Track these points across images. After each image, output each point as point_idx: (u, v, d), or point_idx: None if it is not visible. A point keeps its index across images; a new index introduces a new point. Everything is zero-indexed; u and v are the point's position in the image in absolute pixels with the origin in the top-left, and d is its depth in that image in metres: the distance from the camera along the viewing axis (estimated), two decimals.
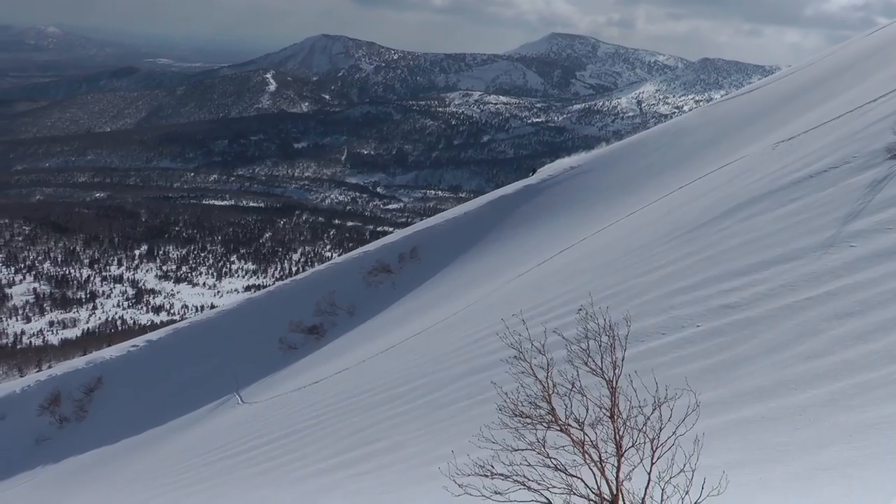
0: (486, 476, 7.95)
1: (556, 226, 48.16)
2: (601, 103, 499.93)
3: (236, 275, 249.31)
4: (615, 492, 7.65)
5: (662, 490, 7.54)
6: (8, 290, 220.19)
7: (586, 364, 8.19)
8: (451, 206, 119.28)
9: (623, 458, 7.79)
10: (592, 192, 52.20)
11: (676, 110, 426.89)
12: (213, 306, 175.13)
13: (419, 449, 19.36)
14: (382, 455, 20.39)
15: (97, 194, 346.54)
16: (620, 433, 7.86)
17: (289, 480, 22.59)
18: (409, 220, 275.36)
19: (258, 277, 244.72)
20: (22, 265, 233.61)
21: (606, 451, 7.85)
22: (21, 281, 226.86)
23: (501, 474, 7.88)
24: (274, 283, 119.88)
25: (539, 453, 7.90)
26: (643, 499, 7.59)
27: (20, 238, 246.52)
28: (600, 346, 8.28)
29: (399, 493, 17.55)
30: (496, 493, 7.83)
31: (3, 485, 52.94)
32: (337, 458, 22.14)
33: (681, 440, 7.91)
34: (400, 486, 17.88)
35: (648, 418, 7.84)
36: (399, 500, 17.07)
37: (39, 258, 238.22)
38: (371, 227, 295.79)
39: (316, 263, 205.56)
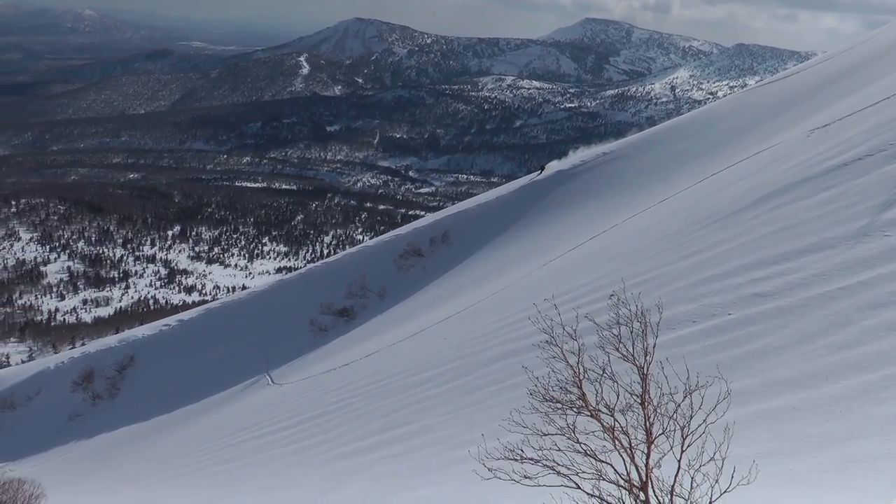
0: (516, 460, 7.95)
1: (588, 211, 47.96)
2: (634, 89, 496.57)
3: (268, 256, 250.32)
4: (644, 478, 7.63)
5: (692, 478, 7.51)
6: (43, 269, 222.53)
7: (617, 350, 8.15)
8: (482, 191, 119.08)
9: (653, 446, 7.76)
10: (625, 179, 51.94)
11: (710, 96, 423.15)
12: (244, 287, 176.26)
13: (447, 433, 19.39)
14: (411, 438, 20.45)
15: (131, 175, 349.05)
16: (651, 420, 7.83)
17: (318, 462, 22.72)
18: (441, 204, 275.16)
19: (290, 259, 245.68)
20: (57, 244, 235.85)
21: (636, 438, 7.82)
22: (56, 259, 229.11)
23: (531, 458, 7.88)
24: (305, 266, 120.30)
25: (569, 438, 7.88)
26: (672, 486, 7.56)
27: (55, 217, 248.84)
28: (632, 332, 8.24)
29: (427, 476, 17.60)
30: (525, 477, 7.84)
31: (38, 458, 53.61)
32: (365, 440, 22.23)
33: (711, 429, 7.86)
34: (428, 470, 17.93)
35: (679, 406, 7.81)
36: (427, 483, 17.11)
37: (74, 237, 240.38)
38: (402, 210, 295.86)
39: (347, 246, 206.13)
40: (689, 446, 7.63)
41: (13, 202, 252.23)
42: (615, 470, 7.68)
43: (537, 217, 53.82)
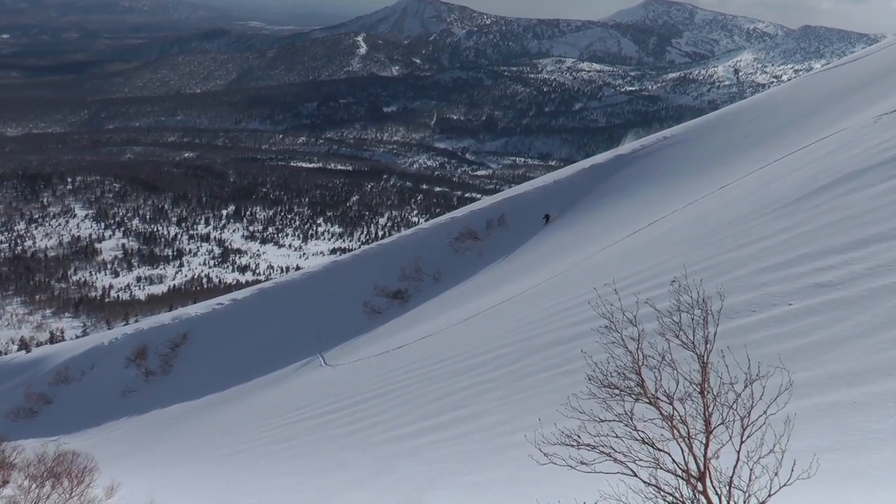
0: (573, 446, 7.97)
1: (647, 197, 47.59)
2: (697, 72, 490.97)
3: (322, 237, 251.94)
4: (703, 469, 7.61)
5: (751, 470, 7.47)
6: (98, 245, 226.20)
7: (678, 337, 8.12)
8: (540, 174, 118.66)
9: (712, 436, 7.72)
10: (685, 164, 51.43)
11: (775, 80, 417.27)
12: (298, 268, 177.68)
13: (501, 418, 19.43)
14: (463, 423, 20.51)
15: (186, 154, 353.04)
16: (710, 409, 7.80)
17: (370, 444, 22.90)
18: (498, 186, 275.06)
19: (344, 241, 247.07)
20: (111, 221, 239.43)
21: (695, 428, 7.80)
22: (110, 237, 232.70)
23: (588, 444, 7.89)
24: (360, 247, 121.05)
25: (627, 425, 7.89)
26: (731, 478, 7.53)
27: (110, 195, 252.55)
28: (692, 319, 8.20)
29: (479, 461, 17.67)
30: (582, 463, 7.86)
31: (91, 433, 54.61)
32: (417, 424, 22.34)
33: (771, 420, 7.81)
34: (480, 455, 17.99)
35: (739, 395, 7.77)
36: (478, 469, 17.19)
37: (128, 215, 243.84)
38: (459, 193, 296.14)
39: (402, 228, 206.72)
40: (748, 437, 7.60)
41: (69, 179, 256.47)
42: (673, 459, 7.67)
43: (595, 201, 53.53)
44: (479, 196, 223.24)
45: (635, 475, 7.68)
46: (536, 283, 36.24)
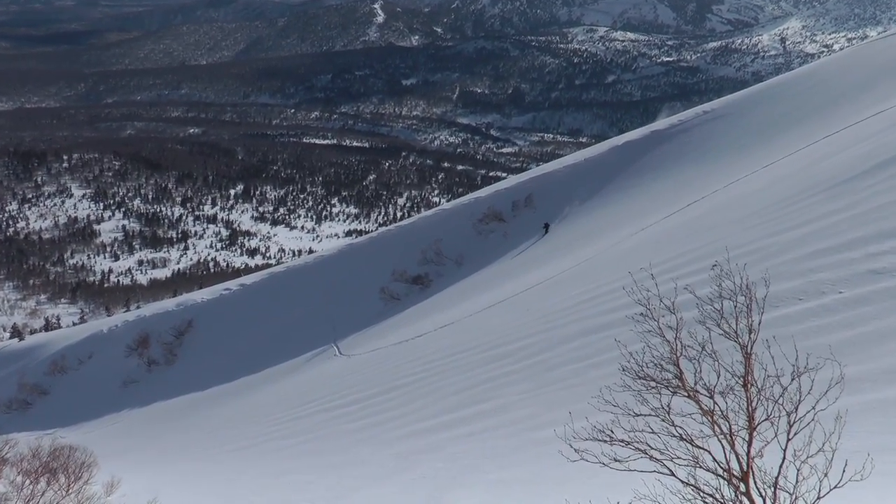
0: (605, 441, 7.92)
1: (685, 176, 47.39)
2: (739, 41, 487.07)
3: (337, 219, 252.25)
4: (745, 468, 7.55)
5: (798, 470, 7.39)
6: (96, 227, 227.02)
7: (719, 326, 8.05)
8: (570, 152, 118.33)
9: (755, 432, 7.66)
10: (726, 140, 51.14)
11: (825, 49, 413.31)
12: (311, 251, 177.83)
13: (527, 412, 19.42)
14: (487, 417, 20.53)
15: (191, 130, 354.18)
16: (754, 404, 7.73)
17: (387, 439, 22.95)
18: (525, 165, 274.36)
19: (360, 222, 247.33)
20: (111, 201, 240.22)
21: (737, 424, 7.73)
22: (110, 217, 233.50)
23: (622, 440, 7.84)
24: (377, 229, 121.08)
25: (663, 420, 7.83)
26: (776, 478, 7.46)
27: (110, 173, 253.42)
28: (735, 307, 8.13)
29: (504, 458, 17.67)
30: (615, 460, 7.81)
31: (91, 425, 55.06)
32: (438, 418, 22.37)
33: (820, 416, 7.74)
34: (505, 452, 18.00)
35: (786, 389, 7.69)
36: (503, 466, 17.19)
37: (129, 195, 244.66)
38: (483, 171, 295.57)
39: (422, 209, 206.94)
40: (795, 435, 7.53)
41: (65, 157, 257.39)
42: (713, 457, 7.61)
43: (630, 181, 53.33)
44: (504, 175, 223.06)
45: (672, 474, 7.63)
46: (566, 268, 36.18)
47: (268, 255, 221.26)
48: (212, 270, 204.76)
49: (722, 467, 7.55)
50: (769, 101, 55.30)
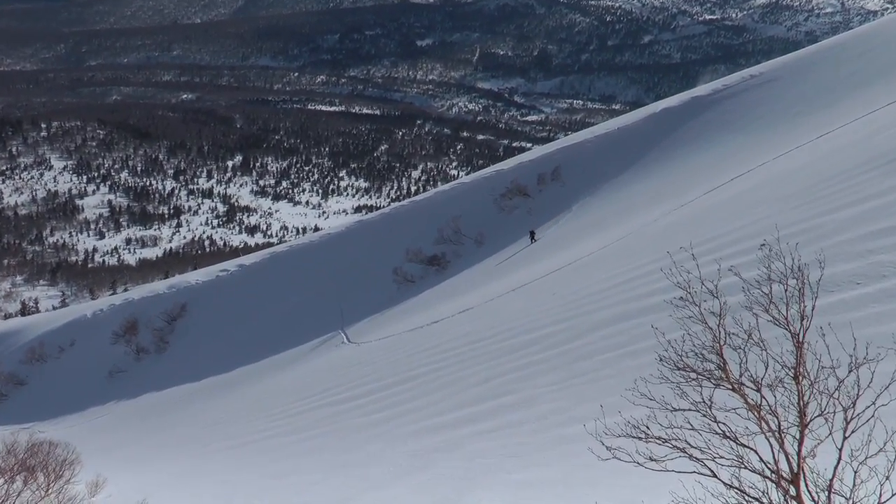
0: (640, 439, 7.89)
1: (731, 147, 47.23)
2: None
3: (345, 193, 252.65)
4: (796, 469, 7.50)
5: (855, 472, 7.33)
6: (79, 202, 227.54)
7: (767, 312, 7.99)
8: (602, 120, 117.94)
9: (807, 430, 7.61)
10: (776, 108, 50.92)
11: (889, 6, 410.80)
12: (317, 229, 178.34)
13: (553, 406, 19.41)
14: (510, 411, 20.53)
15: (184, 95, 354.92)
16: (806, 398, 7.67)
17: (400, 435, 22.98)
18: (552, 134, 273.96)
19: (371, 197, 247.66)
20: (95, 174, 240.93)
21: (787, 420, 7.68)
22: (94, 192, 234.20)
23: (658, 438, 7.80)
24: (389, 205, 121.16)
25: (705, 416, 7.79)
26: (831, 481, 7.40)
27: (93, 143, 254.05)
28: (786, 291, 8.06)
29: (528, 457, 17.67)
30: (651, 459, 7.77)
31: (75, 418, 55.37)
32: (456, 412, 22.39)
33: (881, 413, 7.65)
34: (529, 450, 17.99)
35: (842, 382, 7.62)
36: (527, 465, 17.18)
37: (116, 166, 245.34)
38: (506, 141, 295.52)
39: (439, 183, 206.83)
40: (852, 433, 7.47)
41: (43, 125, 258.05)
42: (760, 457, 7.57)
43: (668, 152, 53.20)
44: (529, 146, 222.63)
45: (714, 475, 7.59)
46: (597, 249, 36.13)
47: (269, 233, 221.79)
48: (207, 250, 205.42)
49: (770, 468, 7.52)
50: (824, 64, 54.99)
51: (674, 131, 56.03)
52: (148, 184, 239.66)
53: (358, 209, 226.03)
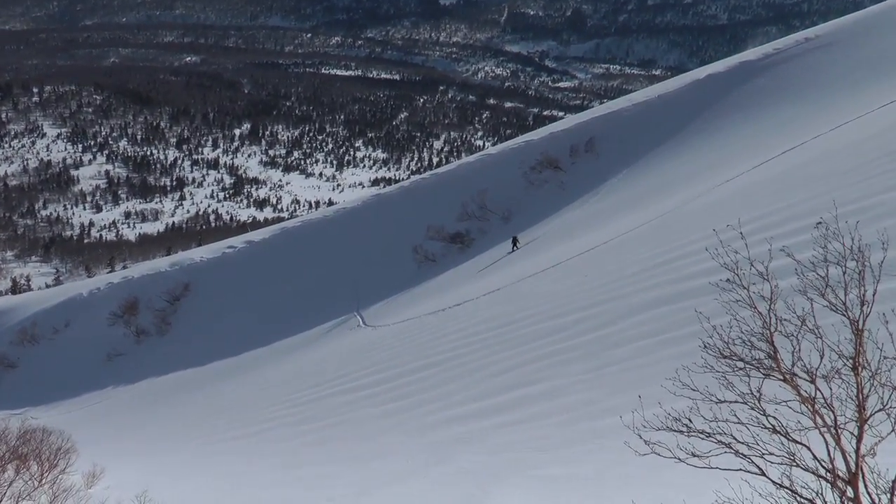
0: (681, 432, 7.83)
1: (783, 116, 46.97)
2: None
3: (361, 164, 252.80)
4: (854, 468, 7.43)
5: None
6: (74, 172, 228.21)
7: (823, 297, 7.91)
8: (640, 87, 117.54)
9: (867, 425, 7.53)
10: (834, 75, 50.63)
11: None
12: (331, 203, 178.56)
13: (584, 397, 19.38)
14: (537, 402, 20.49)
15: (188, 58, 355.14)
16: (865, 391, 7.59)
17: (419, 426, 22.98)
18: (586, 102, 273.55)
19: (389, 169, 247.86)
20: (92, 142, 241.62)
21: (844, 415, 7.61)
22: (90, 161, 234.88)
23: (701, 432, 7.74)
24: (409, 178, 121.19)
25: (753, 408, 7.72)
26: (894, 482, 7.33)
27: (89, 109, 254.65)
28: (844, 274, 7.97)
29: (556, 451, 17.63)
30: (693, 454, 7.71)
31: (68, 405, 55.60)
32: (480, 402, 22.37)
33: None
34: (557, 444, 17.95)
35: None
36: (556, 461, 17.15)
37: (114, 135, 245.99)
38: (535, 109, 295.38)
39: (463, 154, 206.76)
40: None
41: (35, 89, 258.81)
42: (813, 455, 7.50)
43: (713, 122, 52.95)
44: (561, 114, 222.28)
45: (763, 474, 7.53)
46: (634, 226, 36.01)
47: (279, 206, 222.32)
48: (212, 225, 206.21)
49: (824, 467, 7.45)
50: (889, 27, 54.60)
51: (720, 99, 55.75)
52: (148, 153, 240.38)
53: (375, 182, 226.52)
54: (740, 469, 7.62)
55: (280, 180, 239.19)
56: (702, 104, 56.21)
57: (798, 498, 7.43)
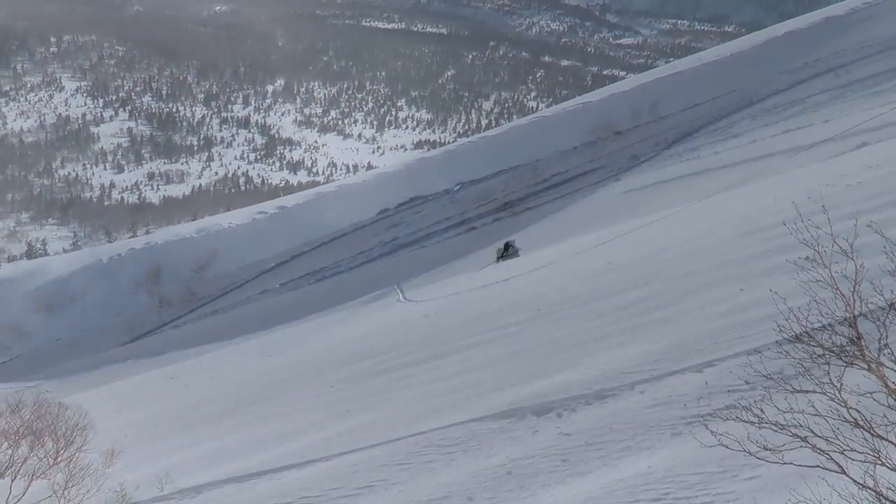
0: (752, 423, 7.74)
1: (876, 76, 46.55)
2: None
3: (404, 126, 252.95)
4: None
5: None
6: (94, 129, 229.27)
7: None
8: (711, 45, 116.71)
9: None
10: None
11: None
12: (370, 167, 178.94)
13: (643, 383, 19.24)
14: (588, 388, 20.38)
15: (217, 7, 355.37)
16: None
17: (460, 412, 22.92)
18: (650, 61, 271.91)
19: (434, 131, 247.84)
20: (113, 97, 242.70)
21: None
22: (112, 118, 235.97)
23: (774, 423, 7.65)
24: (455, 141, 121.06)
25: (832, 399, 7.63)
26: None
27: (111, 62, 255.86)
28: None
29: (613, 444, 17.50)
30: (765, 448, 7.62)
31: (85, 378, 55.98)
32: (528, 386, 22.27)
33: None
34: (611, 434, 17.84)
35: None
36: (610, 454, 17.05)
37: (137, 89, 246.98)
38: (595, 68, 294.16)
39: (515, 116, 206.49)
40: None
41: (53, 39, 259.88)
42: None
43: (794, 85, 52.54)
44: (623, 74, 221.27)
45: (843, 471, 7.43)
46: (702, 197, 35.81)
47: (314, 170, 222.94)
48: (242, 188, 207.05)
49: None
50: None
51: (802, 58, 55.30)
52: (174, 110, 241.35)
53: (419, 145, 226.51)
54: (818, 465, 7.53)
55: (316, 141, 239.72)
56: (780, 64, 55.77)
57: (882, 500, 7.32)
